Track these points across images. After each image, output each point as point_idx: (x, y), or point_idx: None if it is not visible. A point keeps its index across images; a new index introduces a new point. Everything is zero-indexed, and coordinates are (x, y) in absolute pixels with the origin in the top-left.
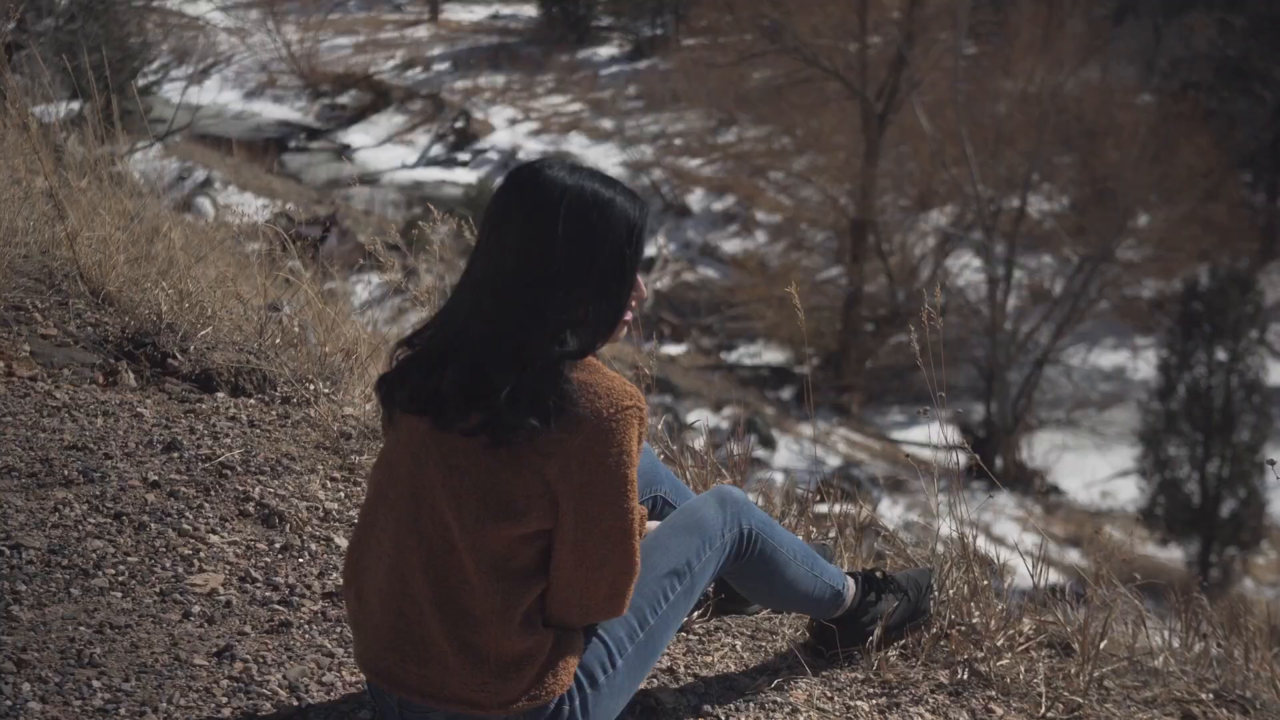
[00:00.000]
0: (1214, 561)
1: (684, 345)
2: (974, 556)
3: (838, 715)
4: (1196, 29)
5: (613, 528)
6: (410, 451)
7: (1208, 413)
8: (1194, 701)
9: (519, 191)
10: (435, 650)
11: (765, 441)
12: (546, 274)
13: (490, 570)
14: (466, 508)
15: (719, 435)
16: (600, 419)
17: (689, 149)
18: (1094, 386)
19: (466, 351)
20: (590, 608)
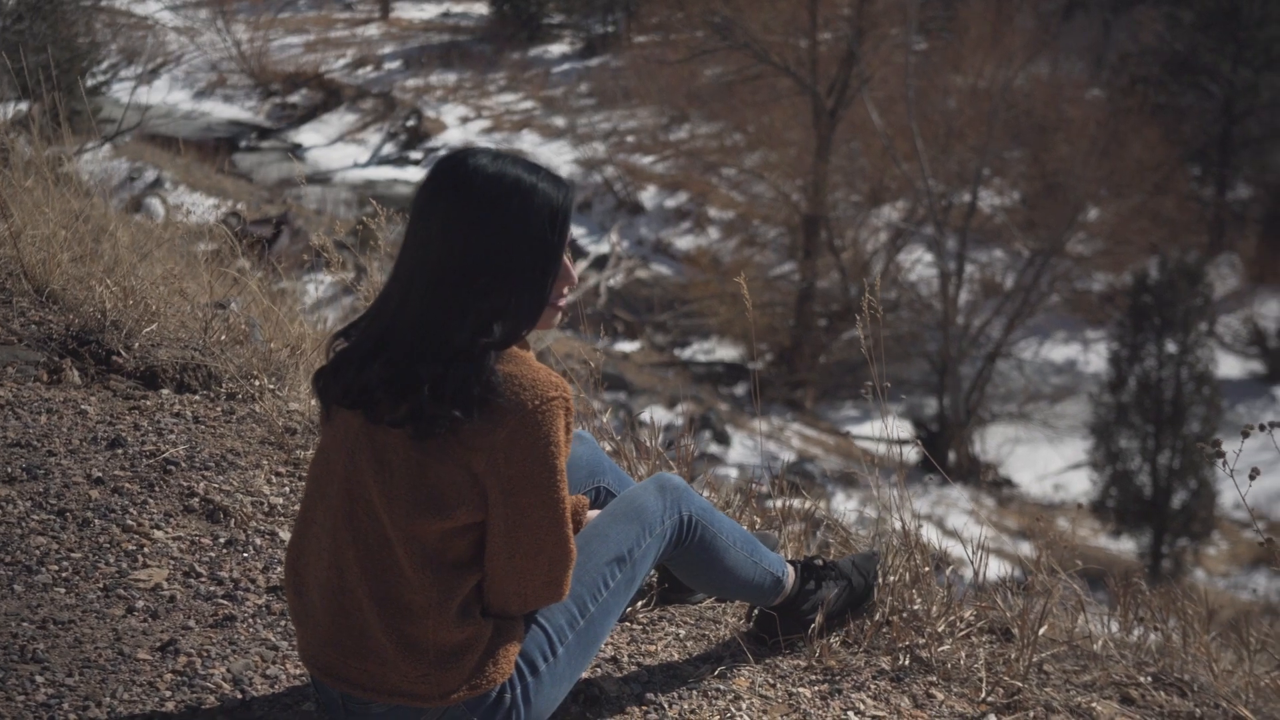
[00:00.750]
0: (1166, 553)
1: (638, 342)
2: (916, 544)
3: (780, 702)
4: (1145, 24)
5: (543, 518)
6: (344, 446)
7: (1158, 405)
8: (1132, 684)
9: (440, 182)
10: (374, 644)
11: (719, 438)
12: (468, 263)
13: (424, 563)
14: (398, 502)
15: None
16: (525, 411)
17: (641, 146)
18: (1045, 380)
19: (394, 344)
20: (528, 596)
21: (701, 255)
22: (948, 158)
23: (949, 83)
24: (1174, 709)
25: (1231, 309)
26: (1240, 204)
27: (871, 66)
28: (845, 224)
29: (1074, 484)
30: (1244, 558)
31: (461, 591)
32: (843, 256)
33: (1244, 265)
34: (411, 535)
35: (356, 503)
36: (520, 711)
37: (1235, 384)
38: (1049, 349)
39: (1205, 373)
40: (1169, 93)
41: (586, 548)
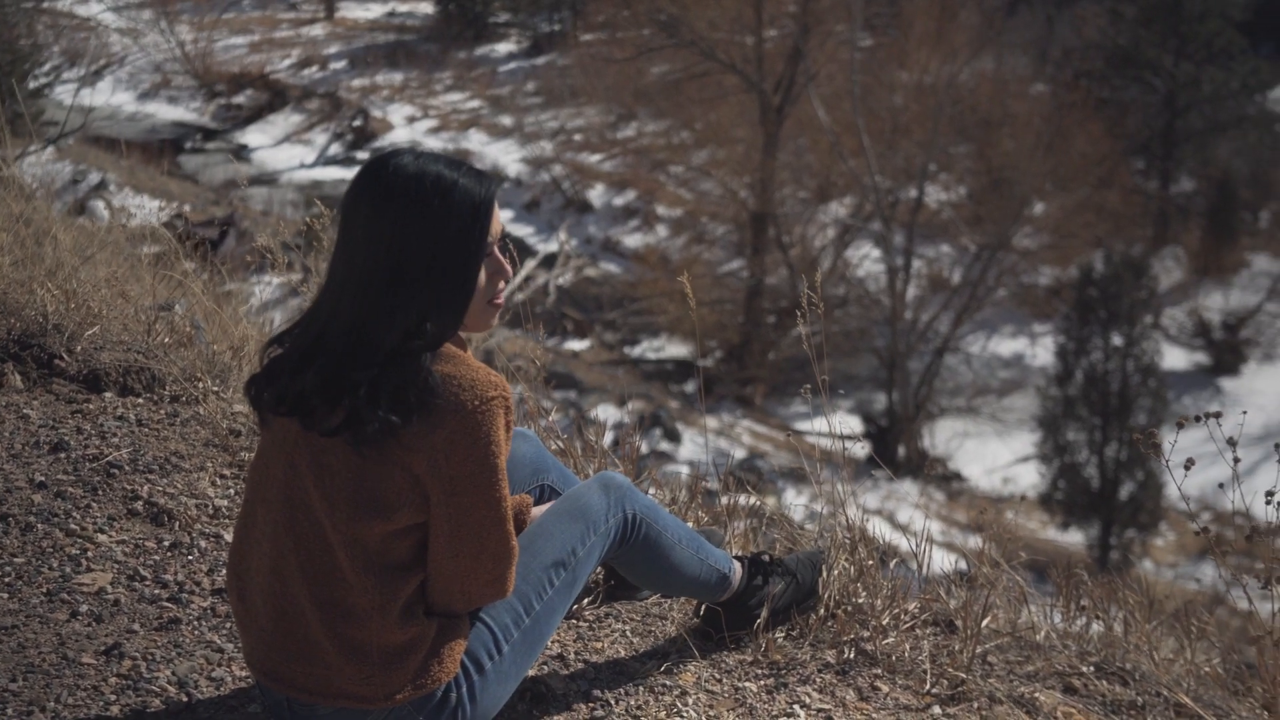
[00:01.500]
0: (1114, 544)
1: (587, 340)
2: (860, 538)
3: (726, 697)
4: (1088, 18)
5: (485, 517)
6: (283, 452)
7: (1105, 397)
8: (1075, 674)
9: (362, 185)
10: (318, 648)
11: (670, 435)
12: (392, 264)
13: (366, 566)
14: (338, 506)
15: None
16: (465, 411)
17: (589, 144)
18: (993, 374)
19: (327, 350)
20: (473, 594)
21: (650, 253)
22: (894, 154)
23: (894, 79)
24: (1116, 698)
25: (1176, 301)
26: (1184, 197)
27: (817, 63)
28: (793, 221)
29: (1022, 477)
30: (1191, 548)
31: (404, 593)
32: (791, 253)
33: (1188, 258)
34: (352, 538)
35: (296, 507)
36: (466, 710)
37: (1181, 376)
38: (996, 343)
39: (1151, 365)
40: (1112, 87)
41: (531, 546)
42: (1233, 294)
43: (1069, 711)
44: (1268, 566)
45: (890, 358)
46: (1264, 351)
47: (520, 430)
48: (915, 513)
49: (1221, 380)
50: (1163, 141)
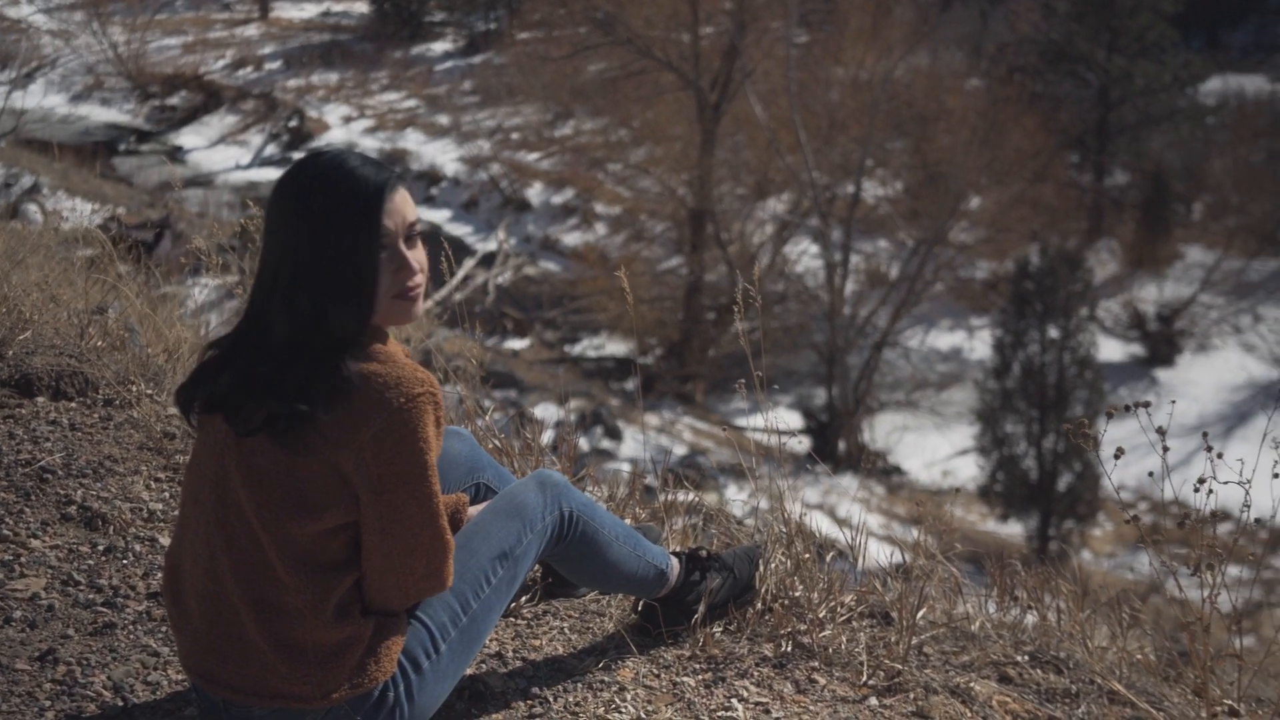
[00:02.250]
0: (1052, 535)
1: (527, 339)
2: (797, 532)
3: (664, 692)
4: (1021, 14)
5: (416, 513)
6: (214, 454)
7: (1042, 389)
8: (1010, 663)
9: (275, 186)
10: (253, 649)
11: (611, 433)
12: (287, 260)
13: (298, 565)
14: (267, 507)
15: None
16: (392, 409)
17: (526, 143)
18: (932, 367)
19: (244, 349)
20: (410, 590)
21: (589, 251)
22: (831, 150)
23: (831, 75)
24: (1050, 686)
25: (1111, 294)
26: (1118, 190)
27: (754, 60)
28: (731, 217)
29: (962, 469)
30: (1129, 538)
31: (338, 592)
32: (730, 250)
33: (1122, 250)
34: (283, 539)
35: (228, 508)
36: (404, 709)
37: (1117, 367)
38: (934, 337)
39: (1087, 357)
40: (1046, 81)
41: (468, 545)
42: (1167, 286)
43: (1004, 700)
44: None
45: (829, 353)
46: (1198, 342)
47: (455, 429)
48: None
49: (1157, 371)
50: (1096, 135)
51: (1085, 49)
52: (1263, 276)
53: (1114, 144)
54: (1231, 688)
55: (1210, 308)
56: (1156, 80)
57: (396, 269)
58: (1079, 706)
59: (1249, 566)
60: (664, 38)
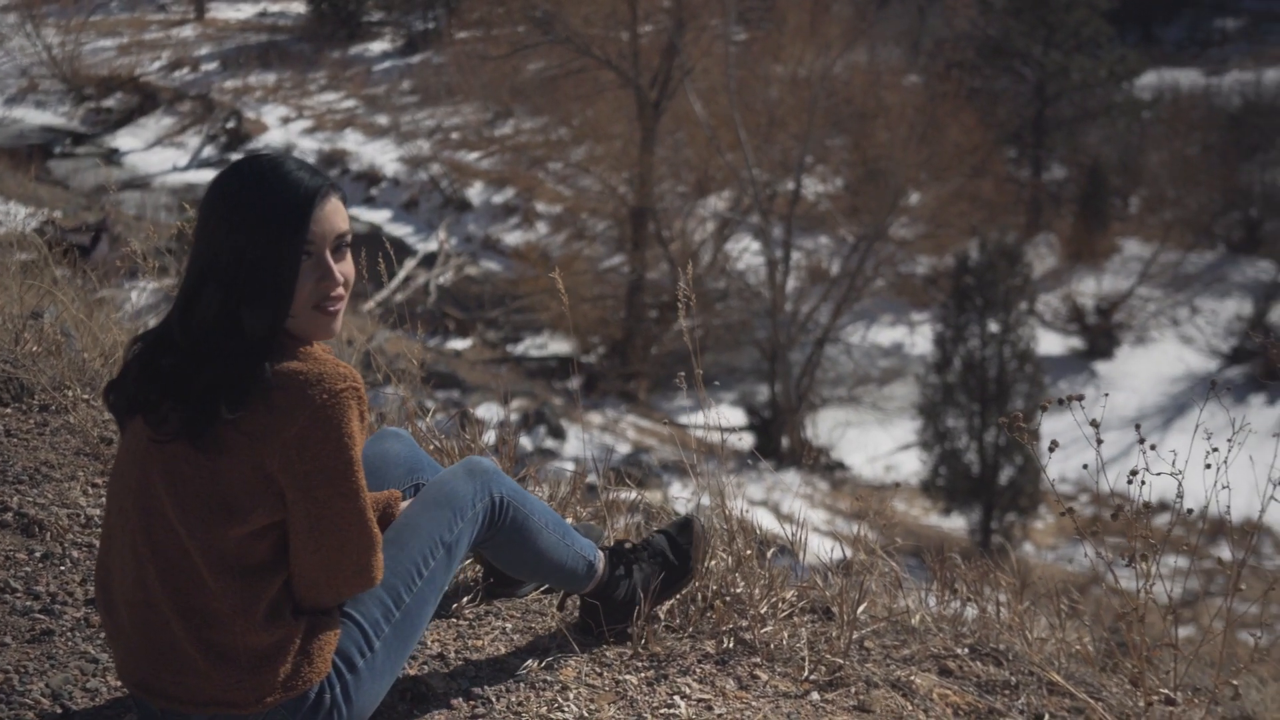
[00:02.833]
0: (995, 528)
1: (469, 340)
2: (738, 529)
3: (607, 690)
4: (958, 9)
5: (344, 509)
6: (136, 459)
7: (983, 384)
8: (950, 656)
9: (208, 188)
10: (185, 657)
11: (554, 432)
12: (206, 261)
13: (225, 571)
14: (193, 513)
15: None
16: (316, 405)
17: (466, 142)
18: (873, 363)
19: (161, 347)
20: (340, 586)
21: (530, 250)
22: (771, 147)
23: (770, 72)
24: (990, 678)
25: (1050, 287)
26: (1055, 184)
27: (693, 58)
28: (673, 215)
29: (904, 464)
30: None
31: (267, 595)
32: (671, 247)
33: (1061, 244)
34: (210, 544)
35: (152, 516)
36: (341, 709)
37: (1056, 360)
38: (876, 332)
39: (1027, 350)
40: (983, 77)
41: (398, 539)
42: (1105, 279)
43: (944, 693)
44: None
45: (771, 349)
46: (1136, 335)
47: (393, 430)
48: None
49: (1096, 364)
50: (1033, 130)
51: (1022, 44)
52: (1199, 269)
53: (1051, 139)
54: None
55: (1148, 300)
56: (1092, 75)
57: (319, 278)
58: (1019, 698)
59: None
60: (603, 36)
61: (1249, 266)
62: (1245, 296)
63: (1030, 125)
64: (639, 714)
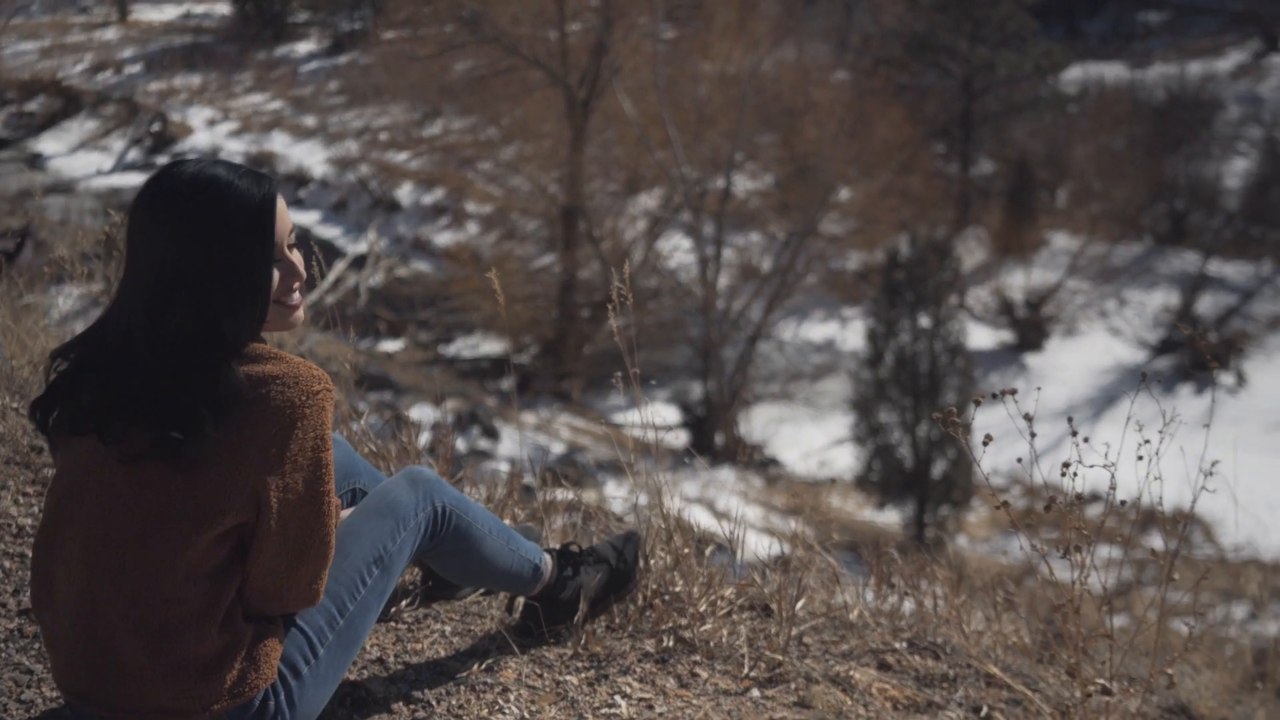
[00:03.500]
0: (929, 521)
1: (401, 341)
2: (676, 527)
3: (548, 691)
4: (885, 6)
5: (311, 513)
6: (91, 470)
7: (915, 378)
8: (889, 651)
9: (143, 194)
10: (131, 666)
11: (488, 432)
12: (172, 272)
13: (187, 577)
14: (163, 519)
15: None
16: (294, 407)
17: (395, 143)
18: (806, 359)
19: (118, 363)
20: (289, 598)
21: (461, 250)
22: (701, 144)
23: (699, 70)
24: (929, 672)
25: (980, 281)
26: (983, 179)
27: (621, 56)
28: (603, 214)
29: (838, 459)
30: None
31: (226, 599)
32: (602, 246)
33: (990, 238)
34: (175, 550)
35: (112, 526)
36: (285, 716)
37: (987, 354)
38: (808, 328)
39: (958, 345)
40: (911, 73)
41: (341, 547)
42: (1034, 272)
43: (883, 688)
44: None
45: (704, 347)
46: (1066, 327)
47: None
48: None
49: (1026, 357)
50: (961, 125)
51: (948, 40)
52: (1126, 261)
53: (979, 133)
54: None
55: (1076, 293)
56: (1018, 70)
57: (284, 274)
58: (957, 691)
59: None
60: (531, 35)
61: (1175, 258)
62: (1172, 288)
63: (958, 120)
64: (580, 714)
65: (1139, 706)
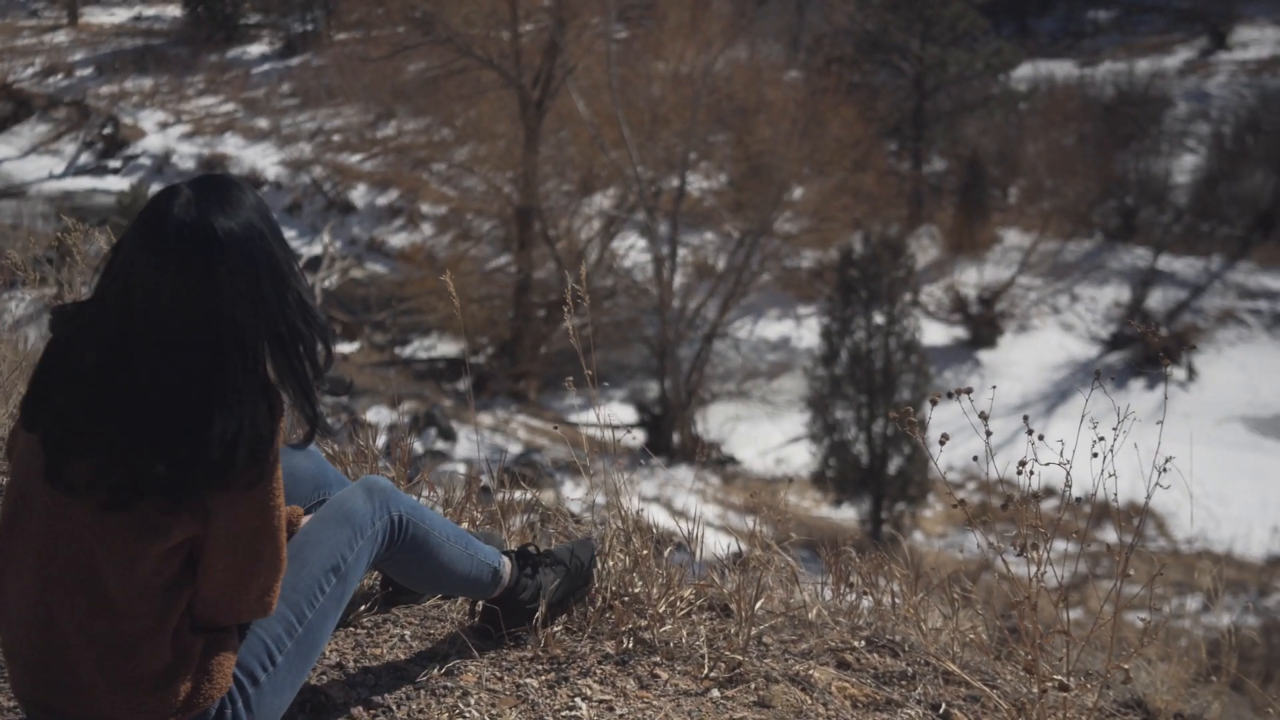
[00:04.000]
0: (885, 518)
1: (356, 343)
2: (635, 528)
3: (508, 694)
4: (836, 5)
5: (262, 526)
6: (45, 480)
7: (870, 375)
8: (847, 649)
9: (170, 244)
10: (84, 678)
11: (445, 434)
12: (262, 327)
13: (139, 592)
14: (113, 531)
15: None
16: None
17: (349, 145)
18: (762, 357)
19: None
20: (241, 609)
21: (416, 251)
22: (655, 144)
23: (652, 70)
24: (887, 669)
25: (933, 278)
26: (936, 177)
27: (575, 56)
28: (558, 214)
29: (794, 457)
30: (959, 517)
31: (177, 612)
32: (557, 246)
33: (942, 236)
34: (127, 563)
35: (60, 538)
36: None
37: (941, 350)
38: (763, 327)
39: (912, 341)
40: (863, 72)
41: (299, 555)
42: (987, 269)
43: (843, 686)
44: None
45: (660, 346)
46: (1018, 324)
47: None
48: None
49: (980, 353)
50: (913, 123)
51: (899, 39)
52: (1078, 257)
53: (930, 131)
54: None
55: (1029, 289)
56: (969, 68)
57: None
58: (916, 688)
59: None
60: (484, 36)
61: (1126, 254)
62: (1123, 283)
63: (910, 119)
64: (540, 717)
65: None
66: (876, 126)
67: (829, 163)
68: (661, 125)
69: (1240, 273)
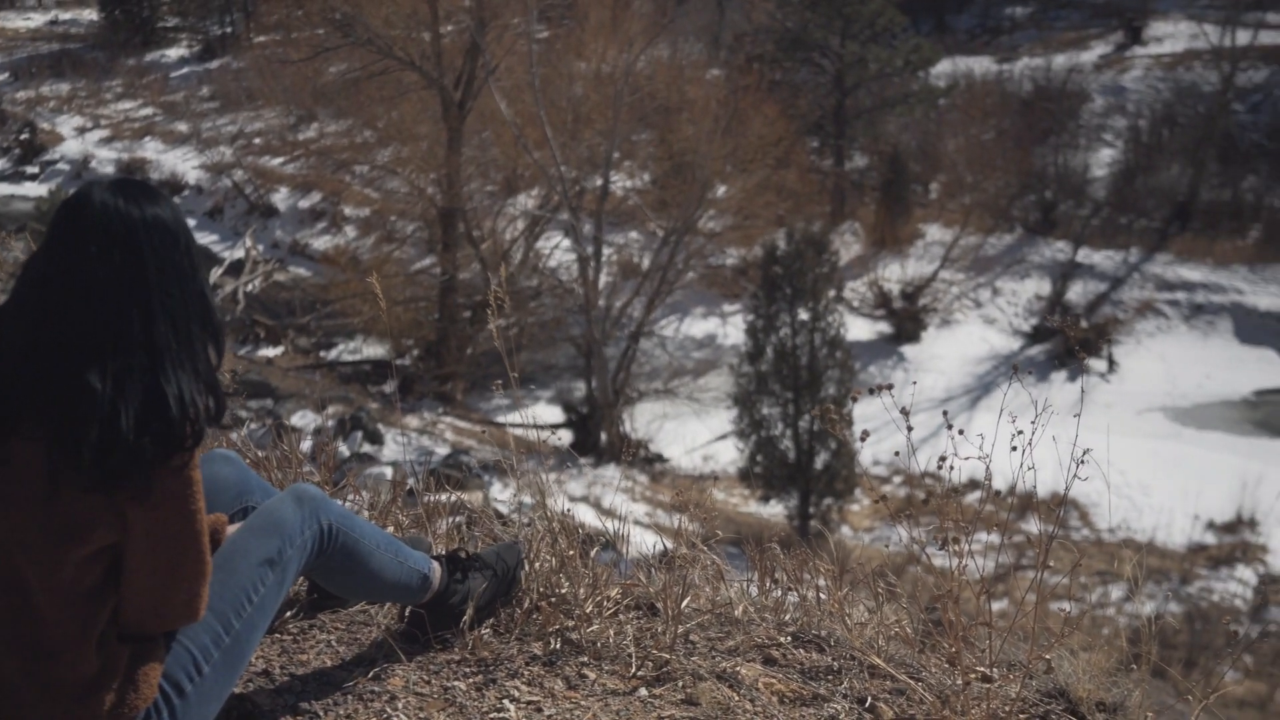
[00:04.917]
0: (813, 513)
1: (280, 346)
2: (561, 529)
3: (436, 698)
4: (756, 3)
5: (182, 531)
6: None
7: (795, 371)
8: (774, 645)
9: (86, 232)
10: (7, 685)
11: (371, 437)
12: (166, 309)
13: (62, 598)
14: (30, 535)
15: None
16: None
17: (270, 148)
18: (688, 355)
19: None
20: (167, 615)
21: (339, 254)
22: (578, 143)
23: (574, 69)
24: (814, 665)
25: (857, 274)
26: (858, 173)
27: (496, 57)
28: (483, 214)
29: (722, 454)
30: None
31: (102, 619)
32: (482, 247)
33: (865, 231)
34: (47, 569)
35: None
36: None
37: (866, 345)
38: (689, 325)
39: (837, 337)
40: (784, 69)
41: (228, 564)
42: (909, 264)
43: (769, 682)
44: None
45: (586, 346)
46: (941, 318)
47: (223, 452)
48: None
49: (904, 348)
50: (834, 120)
51: (820, 36)
52: (999, 251)
53: (852, 128)
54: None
55: (951, 284)
56: (889, 65)
57: None
58: (842, 683)
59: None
60: (405, 37)
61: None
62: (1044, 276)
63: (831, 115)
64: (469, 719)
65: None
66: (798, 124)
67: (751, 160)
68: (584, 125)
69: (1158, 265)
